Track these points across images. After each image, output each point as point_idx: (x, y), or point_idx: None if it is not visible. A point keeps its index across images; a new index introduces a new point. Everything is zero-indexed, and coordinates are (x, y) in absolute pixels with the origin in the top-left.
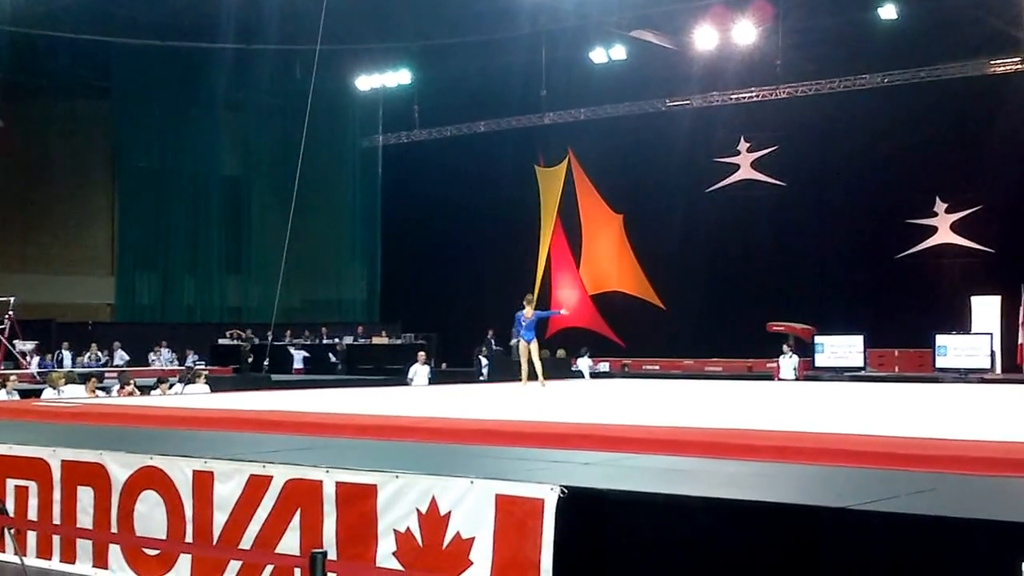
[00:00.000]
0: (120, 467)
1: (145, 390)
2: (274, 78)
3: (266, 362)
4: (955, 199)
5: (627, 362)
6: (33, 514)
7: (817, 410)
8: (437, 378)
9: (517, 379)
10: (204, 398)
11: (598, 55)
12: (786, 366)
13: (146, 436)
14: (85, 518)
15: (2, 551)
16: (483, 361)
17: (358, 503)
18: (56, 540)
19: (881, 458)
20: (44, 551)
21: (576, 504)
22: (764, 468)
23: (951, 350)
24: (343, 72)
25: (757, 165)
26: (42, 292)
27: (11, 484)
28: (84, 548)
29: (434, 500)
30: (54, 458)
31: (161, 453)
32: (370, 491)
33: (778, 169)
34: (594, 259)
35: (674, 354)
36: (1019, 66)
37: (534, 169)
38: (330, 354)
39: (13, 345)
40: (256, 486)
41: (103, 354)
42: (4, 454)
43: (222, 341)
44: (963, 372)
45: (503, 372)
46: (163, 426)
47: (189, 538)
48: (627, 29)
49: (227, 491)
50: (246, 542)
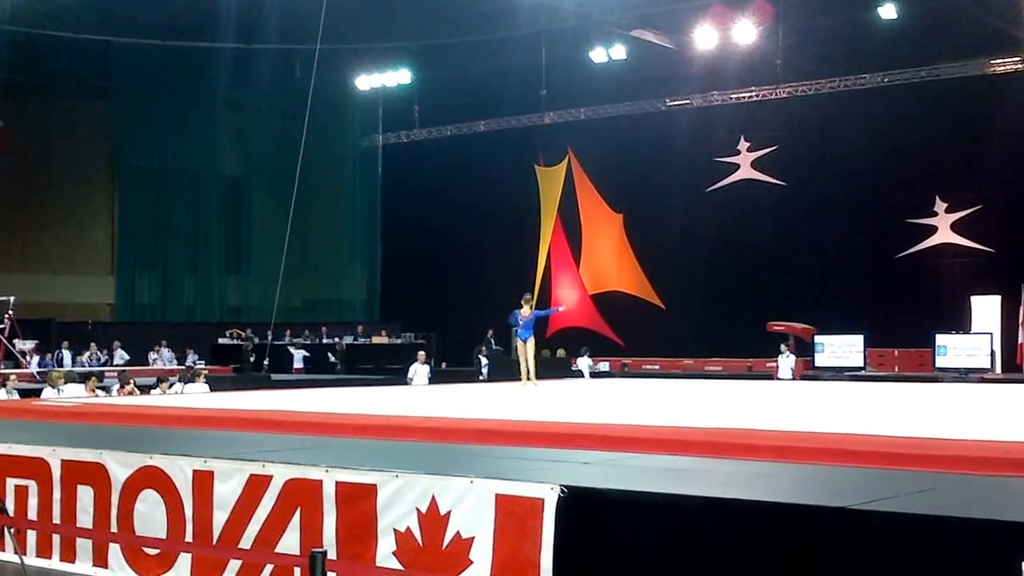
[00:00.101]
0: (120, 466)
1: (145, 389)
2: (274, 78)
3: (266, 361)
4: (955, 199)
5: (627, 362)
6: (33, 513)
7: (817, 410)
8: (437, 378)
9: (517, 379)
10: (204, 397)
11: (598, 55)
12: (784, 366)
13: (146, 435)
14: (85, 517)
15: (2, 550)
16: (483, 361)
17: (358, 502)
18: (56, 539)
19: (881, 458)
20: (44, 550)
21: (576, 504)
22: (764, 468)
23: (951, 350)
24: (343, 72)
25: (757, 165)
26: (42, 292)
27: (11, 483)
28: (84, 547)
29: (434, 500)
30: (54, 457)
31: (161, 452)
32: (370, 491)
33: (778, 169)
34: (594, 259)
35: (674, 354)
36: (1019, 66)
37: (534, 169)
38: (330, 354)
39: (13, 344)
40: (256, 485)
41: (103, 353)
42: (4, 453)
43: (222, 341)
44: (963, 372)
45: (503, 372)
46: (163, 425)
47: (189, 537)
48: (627, 29)
49: (227, 490)
50: (246, 541)
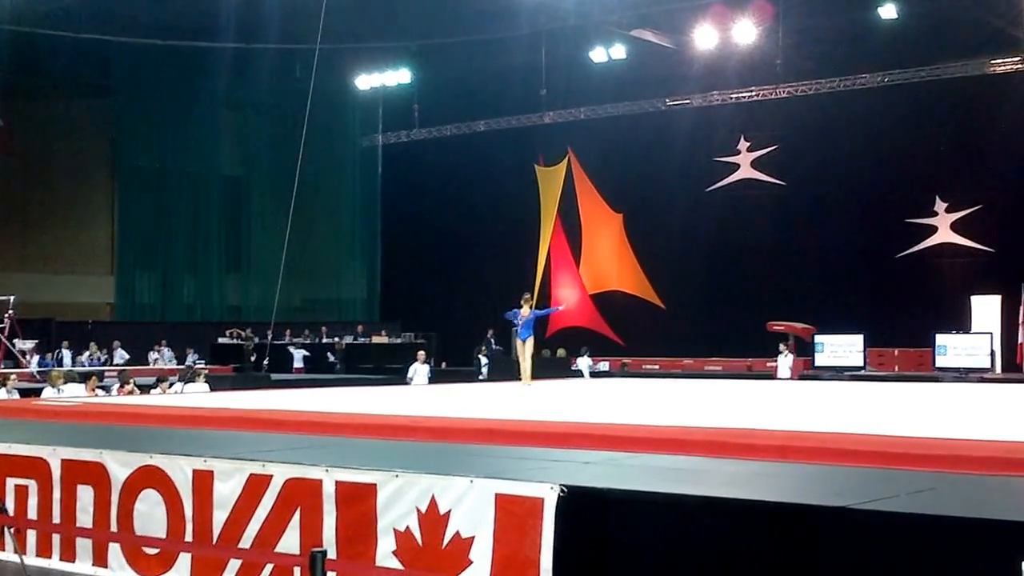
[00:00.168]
0: (120, 466)
1: (145, 389)
2: (274, 77)
3: (266, 361)
4: (955, 199)
5: (627, 361)
6: (33, 513)
7: (817, 409)
8: (437, 377)
9: (517, 378)
10: (204, 397)
11: (598, 54)
12: (783, 365)
13: (146, 435)
14: (85, 517)
15: (2, 550)
16: (483, 360)
17: (358, 502)
18: (56, 539)
19: (881, 458)
20: (44, 550)
21: (576, 503)
22: (764, 467)
23: (951, 349)
24: (343, 71)
25: (757, 164)
26: (42, 291)
27: (11, 483)
28: (84, 547)
29: (434, 499)
30: (54, 457)
31: (161, 452)
32: (370, 490)
33: (778, 168)
34: (594, 258)
35: (674, 353)
36: (1019, 66)
37: (534, 168)
38: (329, 353)
39: (13, 344)
40: (256, 485)
41: (103, 353)
42: (4, 453)
43: (222, 340)
44: (963, 371)
45: (503, 371)
46: (163, 425)
47: (189, 537)
48: (627, 28)
49: (227, 490)
50: (246, 541)
